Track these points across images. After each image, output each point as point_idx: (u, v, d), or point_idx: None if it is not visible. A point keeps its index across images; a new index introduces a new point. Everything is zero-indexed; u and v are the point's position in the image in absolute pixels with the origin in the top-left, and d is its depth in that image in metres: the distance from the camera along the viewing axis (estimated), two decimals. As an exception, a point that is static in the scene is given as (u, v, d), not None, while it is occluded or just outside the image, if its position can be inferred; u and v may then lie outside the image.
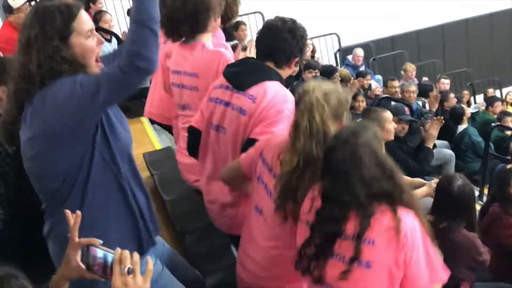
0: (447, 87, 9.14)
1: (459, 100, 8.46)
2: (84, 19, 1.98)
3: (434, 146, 5.16)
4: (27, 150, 1.98)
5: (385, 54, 11.11)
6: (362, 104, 6.80)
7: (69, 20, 1.94)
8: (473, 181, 6.64)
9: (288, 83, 3.77)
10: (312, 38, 9.75)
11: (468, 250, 3.31)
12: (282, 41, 2.58)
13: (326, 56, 10.40)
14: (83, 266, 1.66)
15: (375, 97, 7.80)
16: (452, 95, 8.20)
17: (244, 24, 8.07)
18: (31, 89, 1.90)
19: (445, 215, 3.32)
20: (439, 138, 5.48)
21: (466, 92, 9.99)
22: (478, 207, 5.09)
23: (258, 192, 2.42)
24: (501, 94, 11.09)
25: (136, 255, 1.55)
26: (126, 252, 1.54)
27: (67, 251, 1.69)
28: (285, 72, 2.66)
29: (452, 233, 3.29)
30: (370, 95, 8.03)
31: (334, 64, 9.72)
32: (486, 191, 5.91)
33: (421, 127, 5.92)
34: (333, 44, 10.65)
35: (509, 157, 6.15)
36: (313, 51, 8.91)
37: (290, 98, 2.50)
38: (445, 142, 6.79)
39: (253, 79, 2.57)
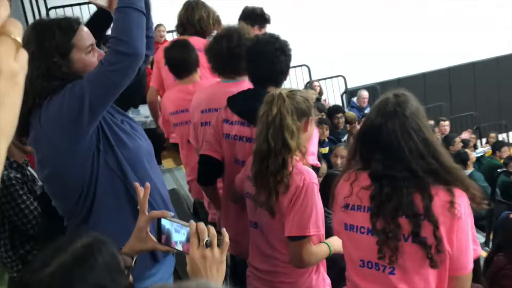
0: (447, 129, 9.16)
1: (466, 144, 8.45)
2: (84, 34, 1.97)
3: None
4: (40, 172, 2.02)
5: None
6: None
7: (68, 36, 1.92)
8: (479, 226, 6.62)
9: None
10: (319, 80, 9.86)
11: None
12: (278, 64, 2.67)
13: (332, 97, 10.46)
14: (154, 238, 1.64)
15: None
16: (458, 139, 8.20)
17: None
18: (27, 107, 1.88)
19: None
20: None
21: (473, 136, 9.99)
22: (484, 254, 5.05)
23: (249, 207, 2.52)
24: (508, 137, 11.07)
25: (212, 228, 1.49)
26: (202, 225, 1.48)
27: (138, 224, 1.67)
28: None
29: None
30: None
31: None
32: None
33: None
34: (339, 86, 10.73)
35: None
36: (320, 93, 8.98)
37: None
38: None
39: None
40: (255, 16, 4.70)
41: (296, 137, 2.27)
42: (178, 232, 1.56)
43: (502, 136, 10.84)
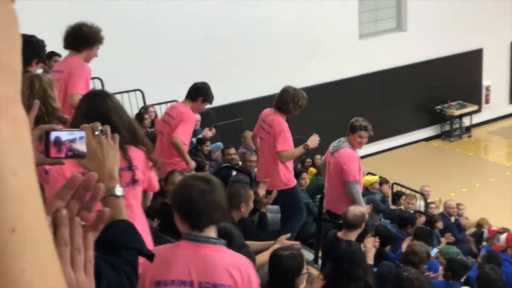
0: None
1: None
2: None
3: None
4: None
5: (225, 121, 11.46)
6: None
7: None
8: (308, 244, 7.02)
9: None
10: (154, 104, 9.84)
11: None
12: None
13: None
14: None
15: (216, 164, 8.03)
16: (232, 149, 8.40)
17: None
18: None
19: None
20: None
21: (318, 156, 10.36)
22: (314, 272, 5.36)
23: None
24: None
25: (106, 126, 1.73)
26: (96, 123, 1.72)
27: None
28: None
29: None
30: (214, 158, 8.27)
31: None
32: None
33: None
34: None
35: (340, 221, 6.58)
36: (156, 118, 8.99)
37: None
38: (277, 207, 6.41)
39: None
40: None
41: None
42: (71, 135, 1.54)
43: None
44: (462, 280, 5.39)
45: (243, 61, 12.41)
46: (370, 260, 5.13)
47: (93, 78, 9.67)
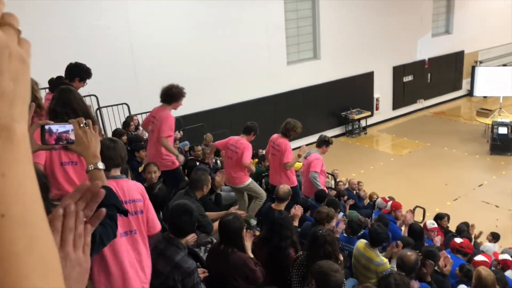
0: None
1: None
2: None
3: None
4: None
5: (191, 126, 11.39)
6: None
7: None
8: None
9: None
10: (136, 114, 9.68)
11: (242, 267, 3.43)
12: None
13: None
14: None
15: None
16: (199, 147, 8.34)
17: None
18: None
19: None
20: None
21: (260, 150, 10.43)
22: (257, 232, 5.39)
23: None
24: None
25: (88, 120, 1.78)
26: (81, 118, 1.77)
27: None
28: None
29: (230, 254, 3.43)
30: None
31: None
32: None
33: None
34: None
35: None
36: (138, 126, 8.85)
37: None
38: (228, 187, 6.67)
39: None
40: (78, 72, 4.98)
41: None
42: (64, 128, 1.58)
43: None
44: (359, 234, 5.47)
45: (205, 79, 12.32)
46: (296, 222, 5.22)
47: (89, 95, 9.52)
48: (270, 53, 13.67)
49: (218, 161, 8.09)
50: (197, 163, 7.10)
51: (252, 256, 3.67)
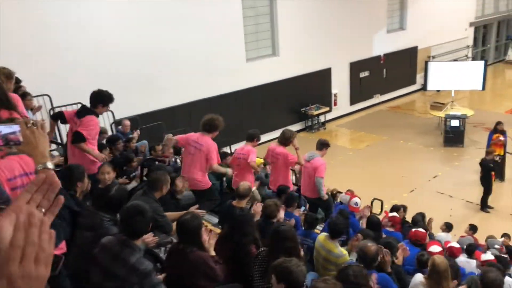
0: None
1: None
2: None
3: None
4: None
5: (149, 124, 11.19)
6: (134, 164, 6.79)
7: None
8: (214, 212, 7.02)
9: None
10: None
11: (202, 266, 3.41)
12: None
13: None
14: None
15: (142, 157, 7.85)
16: (160, 146, 8.15)
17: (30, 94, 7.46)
18: None
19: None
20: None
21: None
22: (218, 230, 5.36)
23: None
24: (230, 149, 11.86)
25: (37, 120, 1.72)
26: (28, 118, 1.69)
27: None
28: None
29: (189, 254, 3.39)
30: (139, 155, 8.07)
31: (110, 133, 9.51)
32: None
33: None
34: (108, 118, 10.35)
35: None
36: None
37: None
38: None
39: None
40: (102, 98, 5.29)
41: None
42: (10, 129, 1.53)
43: (226, 149, 11.63)
44: (317, 227, 5.56)
45: (163, 76, 12.16)
46: (257, 218, 5.21)
47: (42, 95, 9.19)
48: (229, 50, 13.62)
49: (178, 160, 7.98)
50: (156, 162, 6.97)
51: (213, 254, 3.63)
